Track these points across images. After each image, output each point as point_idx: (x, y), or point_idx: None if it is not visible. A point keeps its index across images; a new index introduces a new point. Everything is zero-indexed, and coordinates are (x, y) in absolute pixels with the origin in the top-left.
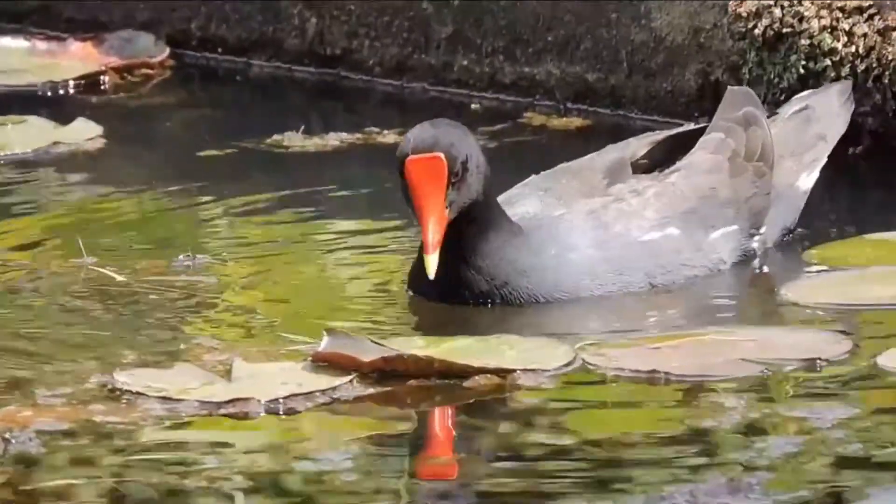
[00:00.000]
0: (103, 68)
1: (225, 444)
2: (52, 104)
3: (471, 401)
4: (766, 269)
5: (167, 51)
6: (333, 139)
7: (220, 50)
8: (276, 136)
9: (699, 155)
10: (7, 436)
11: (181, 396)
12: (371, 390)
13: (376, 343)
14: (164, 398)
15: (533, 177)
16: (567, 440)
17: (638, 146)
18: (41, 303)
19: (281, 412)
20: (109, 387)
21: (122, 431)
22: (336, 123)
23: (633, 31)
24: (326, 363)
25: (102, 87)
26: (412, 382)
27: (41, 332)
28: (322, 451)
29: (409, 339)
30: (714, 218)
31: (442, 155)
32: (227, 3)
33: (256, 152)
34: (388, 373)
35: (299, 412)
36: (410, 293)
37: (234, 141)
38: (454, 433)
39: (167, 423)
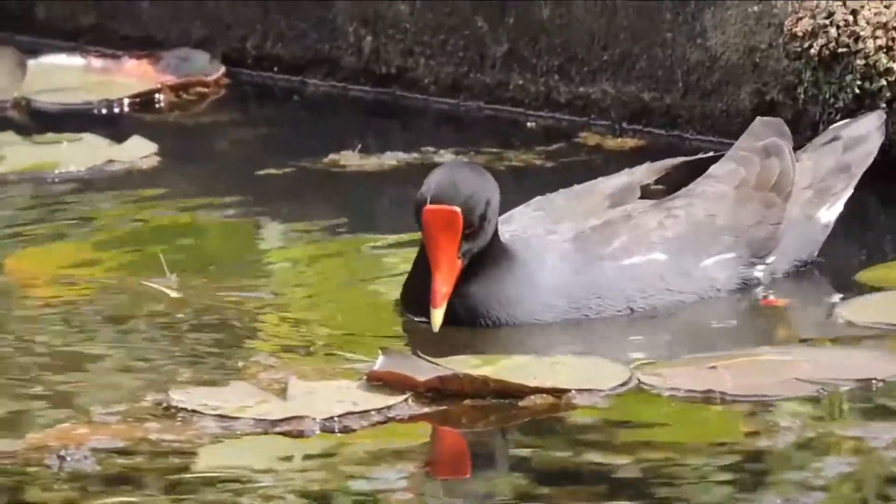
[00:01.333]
0: (159, 86)
1: (280, 463)
2: (107, 122)
3: (526, 420)
4: (771, 296)
5: (222, 69)
6: (390, 159)
7: (275, 68)
8: (332, 156)
9: (706, 182)
10: (62, 453)
11: (237, 414)
12: (426, 409)
13: (431, 362)
14: (219, 416)
15: (539, 197)
16: (622, 460)
17: (649, 171)
18: (96, 320)
19: (336, 430)
20: (164, 405)
21: (177, 449)
22: (392, 142)
23: (688, 51)
24: (381, 382)
25: (157, 106)
26: (467, 402)
27: (96, 350)
28: (377, 470)
29: (464, 359)
30: (709, 245)
31: (459, 210)
32: (283, 22)
33: (314, 171)
34: (443, 392)
35: (354, 430)
36: (408, 316)
37: (290, 160)
38: (509, 453)
39: (222, 441)
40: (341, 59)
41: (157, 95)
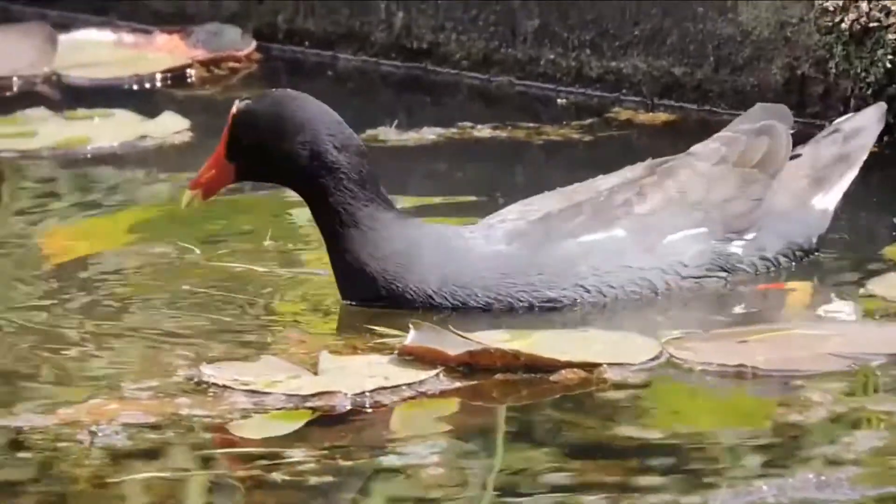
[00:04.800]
0: (190, 61)
1: (311, 438)
2: (139, 97)
3: (557, 395)
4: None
5: (254, 44)
6: (429, 133)
7: (306, 43)
8: (370, 131)
9: (684, 160)
10: (94, 428)
11: (268, 389)
12: (457, 384)
13: (462, 336)
14: (250, 391)
15: (536, 196)
16: (654, 434)
17: (649, 167)
18: (127, 296)
19: (367, 405)
20: (196, 380)
21: (207, 425)
22: (424, 117)
23: (719, 25)
24: (413, 357)
25: (189, 81)
26: (498, 376)
27: (127, 326)
28: (408, 444)
29: (494, 334)
30: (676, 220)
31: (235, 111)
32: None
33: None
34: (474, 367)
35: (385, 405)
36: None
37: None
38: (540, 427)
39: (253, 416)
40: (372, 35)
41: (188, 70)
